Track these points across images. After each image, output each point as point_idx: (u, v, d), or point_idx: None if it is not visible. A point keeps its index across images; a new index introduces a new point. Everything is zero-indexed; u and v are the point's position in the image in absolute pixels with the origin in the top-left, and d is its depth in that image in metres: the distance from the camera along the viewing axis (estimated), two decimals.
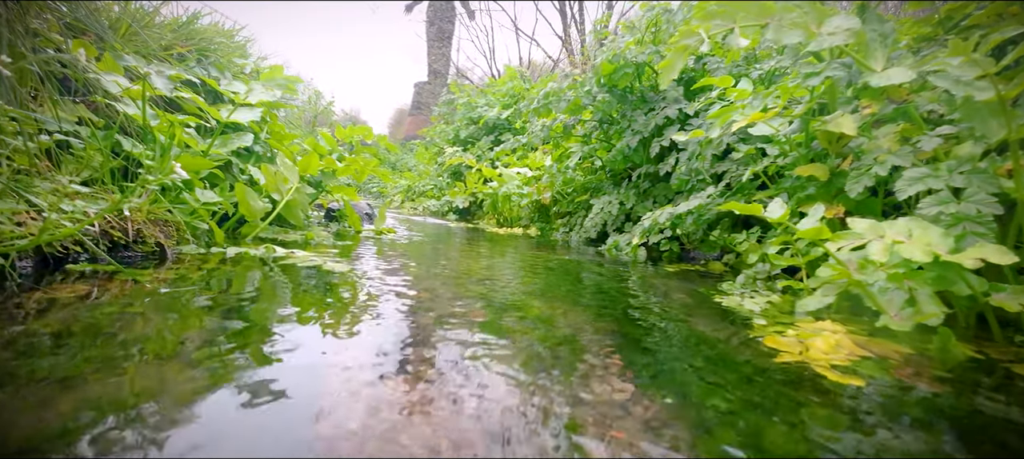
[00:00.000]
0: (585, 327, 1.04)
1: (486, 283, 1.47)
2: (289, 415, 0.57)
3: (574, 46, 11.36)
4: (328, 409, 0.59)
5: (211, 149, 1.89)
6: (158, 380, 0.64)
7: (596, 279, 1.71)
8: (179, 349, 0.75)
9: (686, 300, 1.40)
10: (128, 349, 0.74)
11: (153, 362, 0.70)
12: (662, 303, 1.34)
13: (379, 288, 1.30)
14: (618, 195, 3.04)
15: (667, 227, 2.27)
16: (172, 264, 1.36)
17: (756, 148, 1.96)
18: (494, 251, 2.42)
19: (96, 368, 0.66)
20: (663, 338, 0.99)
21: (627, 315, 1.17)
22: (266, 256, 1.58)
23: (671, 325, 1.09)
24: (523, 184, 4.04)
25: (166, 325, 0.86)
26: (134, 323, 0.86)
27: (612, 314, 1.17)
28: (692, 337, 1.00)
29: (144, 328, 0.84)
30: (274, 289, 1.22)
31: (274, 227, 2.41)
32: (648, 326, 1.07)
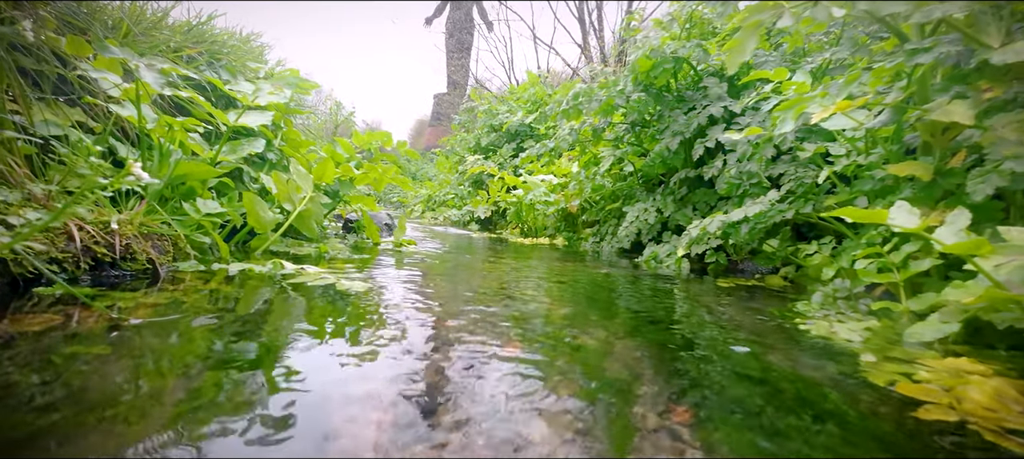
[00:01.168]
0: (643, 364, 0.82)
1: (518, 305, 1.26)
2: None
3: (593, 53, 11.17)
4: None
5: (218, 156, 1.75)
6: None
7: (641, 297, 1.49)
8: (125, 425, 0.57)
9: (760, 325, 1.17)
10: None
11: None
12: (732, 330, 1.11)
13: (398, 314, 1.11)
14: (654, 202, 2.81)
15: (717, 237, 2.03)
16: (165, 284, 1.19)
17: (824, 147, 1.72)
18: (522, 265, 2.22)
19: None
20: (755, 385, 0.76)
21: (694, 348, 0.95)
22: (273, 273, 1.41)
23: (756, 363, 0.87)
24: (549, 192, 3.84)
25: (121, 381, 0.68)
26: (80, 378, 0.69)
27: (674, 346, 0.96)
28: (791, 380, 0.78)
29: (94, 383, 0.66)
30: (276, 319, 1.04)
31: (288, 239, 2.26)
32: (729, 366, 0.85)
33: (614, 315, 1.23)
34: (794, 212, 1.64)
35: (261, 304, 1.11)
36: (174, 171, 1.44)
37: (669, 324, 1.16)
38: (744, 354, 0.92)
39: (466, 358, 0.81)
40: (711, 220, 1.91)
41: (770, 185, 1.98)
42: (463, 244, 3.23)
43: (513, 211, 4.15)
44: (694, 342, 1.00)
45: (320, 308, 1.11)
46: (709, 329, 1.12)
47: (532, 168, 4.44)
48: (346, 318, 1.04)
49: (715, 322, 1.19)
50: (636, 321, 1.17)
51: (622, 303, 1.39)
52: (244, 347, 0.80)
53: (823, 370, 0.84)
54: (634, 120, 3.00)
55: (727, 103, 2.39)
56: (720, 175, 2.24)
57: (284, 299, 1.17)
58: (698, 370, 0.81)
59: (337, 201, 2.47)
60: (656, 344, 0.97)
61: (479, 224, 5.41)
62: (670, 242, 2.61)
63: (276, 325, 0.95)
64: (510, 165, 5.72)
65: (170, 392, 0.62)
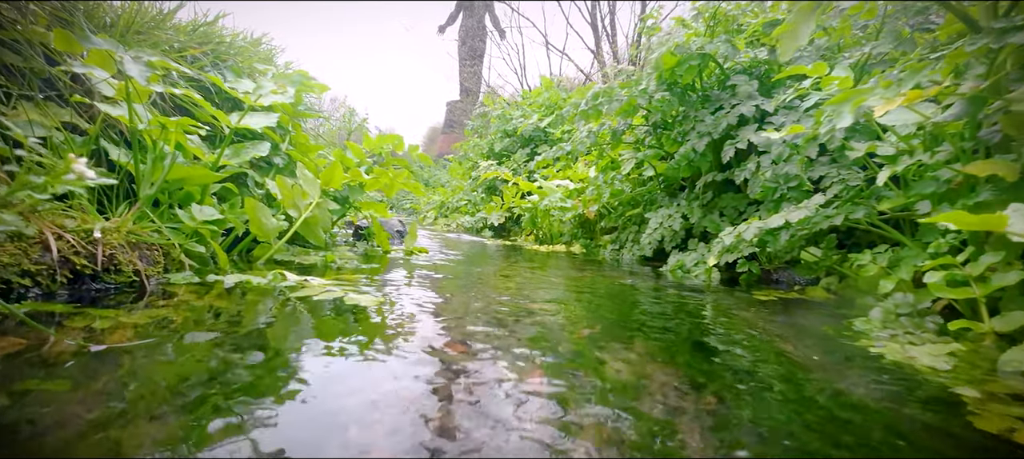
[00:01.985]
0: (684, 398, 0.68)
1: (539, 323, 1.13)
2: None
3: (606, 59, 11.04)
4: None
5: (220, 159, 1.65)
6: None
7: (673, 313, 1.34)
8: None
9: (821, 347, 1.02)
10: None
11: None
12: (788, 353, 0.97)
13: (407, 336, 0.99)
14: (678, 208, 2.66)
15: (752, 245, 1.88)
16: (154, 299, 1.08)
17: (874, 145, 1.56)
18: (539, 275, 2.08)
19: None
20: (847, 436, 0.62)
21: (751, 380, 0.81)
22: (274, 285, 1.29)
23: (834, 403, 0.72)
24: (565, 197, 3.70)
25: (68, 436, 0.57)
26: (19, 428, 0.57)
27: (720, 376, 0.81)
28: (887, 428, 0.63)
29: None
30: (271, 341, 0.92)
31: (295, 247, 2.15)
32: (803, 407, 0.71)
33: (646, 334, 1.08)
34: (843, 218, 1.48)
35: (257, 323, 0.99)
36: (169, 174, 1.34)
37: (711, 346, 1.01)
38: (818, 390, 0.77)
39: (484, 394, 0.68)
40: (746, 227, 1.76)
41: (810, 189, 1.82)
42: (477, 252, 3.10)
43: (528, 218, 4.02)
44: (748, 371, 0.85)
45: (323, 328, 0.99)
46: (760, 351, 0.97)
47: (547, 173, 4.31)
48: (350, 341, 0.91)
49: (766, 343, 1.05)
50: (672, 343, 1.03)
51: (653, 319, 1.25)
52: (230, 377, 0.68)
53: (921, 413, 0.69)
54: (656, 122, 2.86)
55: (759, 102, 2.24)
56: (753, 178, 2.08)
57: (284, 317, 1.05)
58: (765, 414, 0.67)
59: (346, 207, 2.37)
60: (702, 373, 0.83)
61: (492, 231, 5.29)
62: (697, 250, 2.45)
63: (270, 349, 0.83)
64: (524, 170, 5.60)
65: (129, 443, 0.49)
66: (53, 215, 1.03)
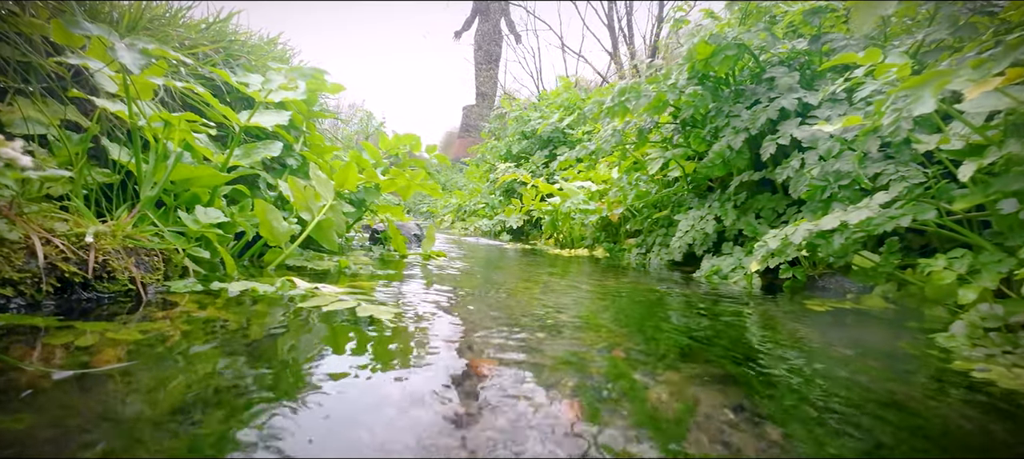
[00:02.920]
0: (741, 431, 0.55)
1: (568, 338, 1.00)
2: None
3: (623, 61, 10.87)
4: None
5: (230, 160, 1.56)
6: None
7: (714, 325, 1.20)
8: None
9: (906, 370, 0.87)
10: None
11: None
12: (863, 375, 0.82)
13: (425, 354, 0.87)
14: (710, 209, 2.50)
15: (801, 249, 1.72)
16: (151, 309, 0.99)
17: (947, 137, 1.40)
18: (564, 281, 1.95)
19: None
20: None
21: (814, 408, 0.67)
22: (282, 293, 1.19)
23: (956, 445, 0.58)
24: (588, 199, 3.56)
25: None
26: None
27: (784, 404, 0.67)
28: None
29: None
30: (276, 362, 0.81)
31: (309, 251, 2.06)
32: (895, 449, 0.57)
33: (688, 352, 0.95)
34: (912, 219, 1.32)
35: (259, 340, 0.88)
36: (173, 175, 1.25)
37: (765, 365, 0.87)
38: (920, 428, 0.63)
39: (513, 433, 0.56)
40: (794, 229, 1.60)
41: (870, 187, 1.66)
42: (496, 257, 2.99)
43: (548, 221, 3.89)
44: (820, 400, 0.71)
45: (333, 343, 0.88)
46: (826, 372, 0.83)
47: (568, 174, 4.17)
48: (361, 363, 0.80)
49: (829, 361, 0.90)
50: (719, 361, 0.89)
51: (693, 333, 1.11)
52: (220, 413, 0.57)
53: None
54: (685, 118, 2.71)
55: (800, 94, 2.08)
56: (796, 177, 1.92)
57: (290, 331, 0.95)
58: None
59: (362, 210, 2.27)
60: (759, 399, 0.69)
61: (510, 234, 5.17)
62: (732, 254, 2.30)
63: (271, 373, 0.72)
64: (543, 172, 5.47)
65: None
66: (42, 218, 0.94)
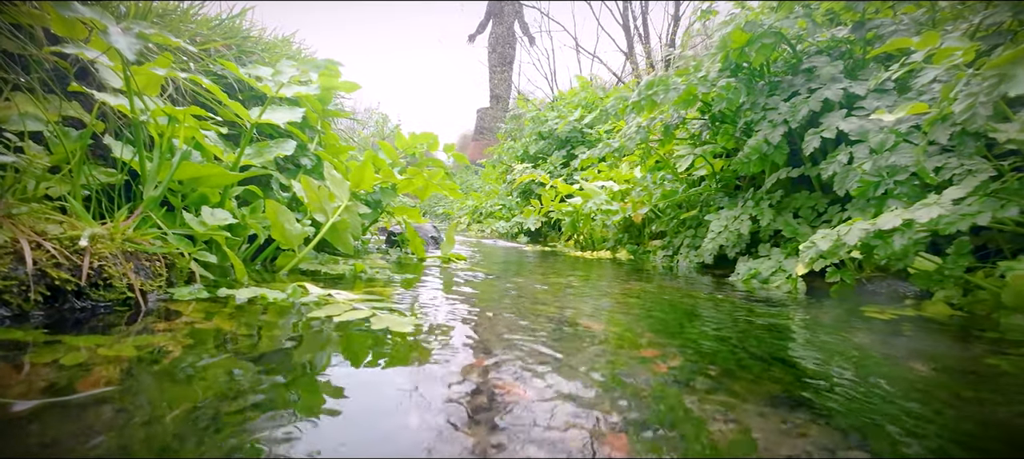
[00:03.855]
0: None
1: (604, 352, 0.89)
2: None
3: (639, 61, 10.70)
4: None
5: (241, 159, 1.48)
6: None
7: (765, 336, 1.07)
8: None
9: (1015, 398, 0.74)
10: None
11: None
12: (979, 409, 0.69)
13: (447, 370, 0.77)
14: (744, 208, 2.36)
15: (855, 250, 1.57)
16: (152, 319, 0.90)
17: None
18: (589, 286, 1.83)
19: None
20: None
21: (915, 440, 0.54)
22: (293, 301, 1.10)
23: None
24: (610, 199, 3.44)
25: None
26: None
27: (881, 441, 0.55)
28: None
29: None
30: (284, 378, 0.71)
31: (324, 254, 1.98)
32: None
33: (742, 368, 0.82)
34: (991, 216, 1.18)
35: (267, 355, 0.79)
36: (179, 173, 1.17)
37: (839, 386, 0.75)
38: None
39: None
40: (848, 229, 1.46)
41: (935, 181, 1.51)
42: (516, 260, 2.88)
43: (569, 222, 3.77)
44: (917, 433, 0.58)
45: (345, 357, 0.78)
46: (914, 392, 0.70)
47: (589, 174, 4.05)
48: (375, 382, 0.70)
49: (920, 383, 0.77)
50: (780, 380, 0.76)
51: (742, 345, 0.98)
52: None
53: None
54: (714, 114, 2.57)
55: (845, 84, 1.93)
56: (843, 172, 1.77)
57: (301, 344, 0.85)
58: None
59: (378, 212, 2.18)
60: (840, 430, 0.57)
61: (528, 236, 5.06)
62: (770, 256, 2.15)
63: (284, 388, 0.62)
64: (566, 171, 5.35)
65: None
66: (33, 219, 0.86)
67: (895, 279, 1.80)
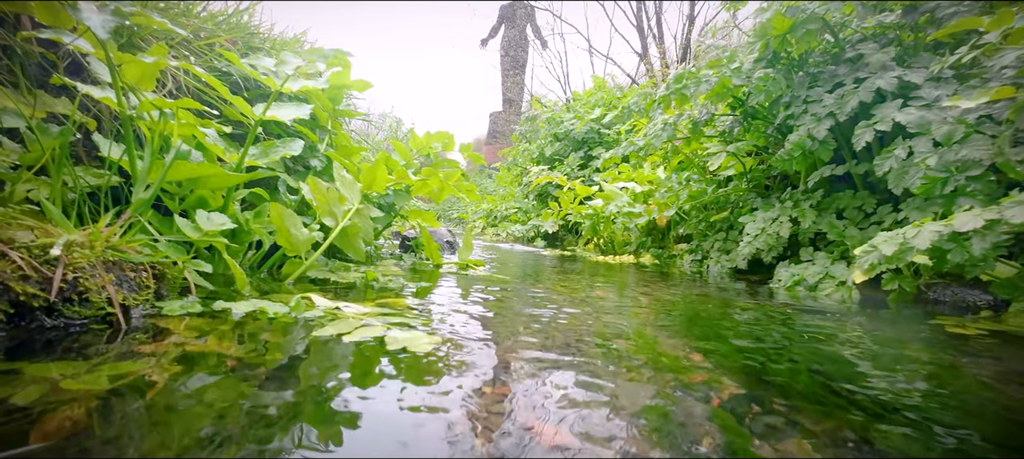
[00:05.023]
0: None
1: (648, 378, 0.75)
2: None
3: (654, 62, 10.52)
4: None
5: (245, 159, 1.37)
6: None
7: (835, 353, 0.91)
8: None
9: None
10: None
11: None
12: None
13: (474, 408, 0.64)
14: (782, 210, 2.19)
15: (924, 254, 1.40)
16: (135, 339, 0.79)
17: None
18: (619, 295, 1.69)
19: None
20: None
21: None
22: (296, 315, 0.97)
23: None
24: (633, 202, 3.28)
25: None
26: None
27: None
28: None
29: None
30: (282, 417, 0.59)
31: (335, 261, 1.86)
32: None
33: (822, 404, 0.67)
34: None
35: (266, 381, 0.66)
36: (174, 173, 1.06)
37: (953, 432, 0.59)
38: None
39: None
40: (916, 231, 1.30)
41: (1016, 178, 1.34)
42: (536, 265, 2.74)
43: (589, 225, 3.62)
44: None
45: (356, 386, 0.65)
46: None
47: (610, 175, 3.89)
48: (390, 420, 0.57)
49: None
50: (877, 417, 0.61)
51: (813, 366, 0.83)
52: None
53: None
54: (746, 109, 2.41)
55: (899, 72, 1.76)
56: (902, 168, 1.60)
57: (304, 367, 0.73)
58: None
59: (391, 215, 2.06)
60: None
61: (545, 240, 4.92)
62: (814, 261, 1.98)
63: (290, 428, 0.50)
64: (588, 171, 5.20)
65: None
66: (1, 225, 0.75)
67: (958, 285, 1.63)
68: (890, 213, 1.90)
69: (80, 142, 1.32)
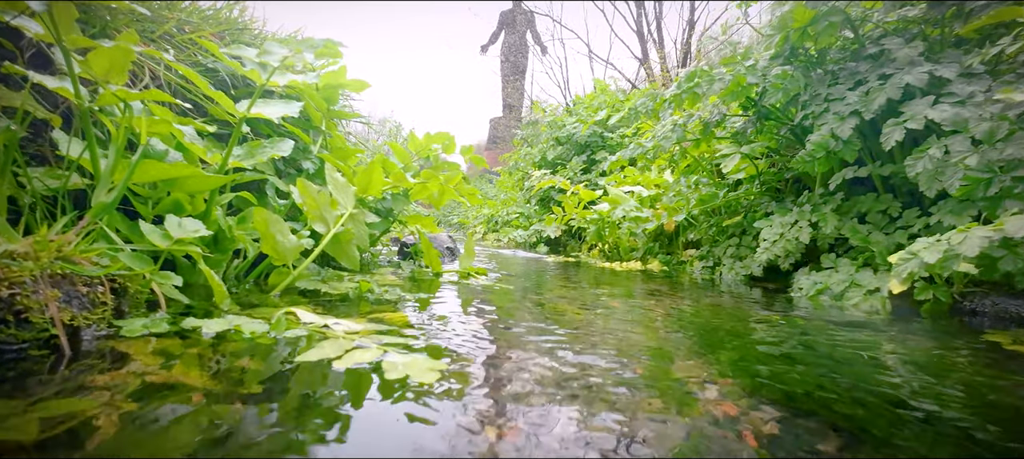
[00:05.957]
0: None
1: (678, 408, 0.63)
2: None
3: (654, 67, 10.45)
4: None
5: (229, 159, 1.26)
6: None
7: (887, 375, 0.79)
8: None
9: None
10: None
11: None
12: None
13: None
14: (801, 214, 2.08)
15: (972, 262, 1.28)
16: (81, 365, 0.67)
17: None
18: (631, 305, 1.57)
19: None
20: None
21: None
22: (275, 335, 0.86)
23: None
24: (641, 206, 3.17)
25: None
26: None
27: None
28: None
29: None
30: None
31: (328, 270, 1.75)
32: None
33: (887, 447, 0.56)
34: None
35: (240, 435, 0.55)
36: (143, 174, 0.94)
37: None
38: None
39: None
40: (962, 236, 1.18)
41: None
42: (541, 273, 2.62)
43: (594, 230, 3.51)
44: None
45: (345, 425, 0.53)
46: None
47: (614, 179, 3.78)
48: None
49: None
50: None
51: (860, 394, 0.71)
52: None
53: None
54: (759, 109, 2.30)
55: (929, 68, 1.65)
56: (935, 170, 1.49)
57: (279, 399, 0.61)
58: None
59: (388, 221, 1.95)
60: None
61: (548, 246, 4.80)
62: (837, 268, 1.87)
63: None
64: (582, 179, 5.10)
65: None
66: None
67: (998, 295, 1.51)
68: (919, 217, 1.79)
69: (49, 142, 1.21)
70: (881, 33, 2.02)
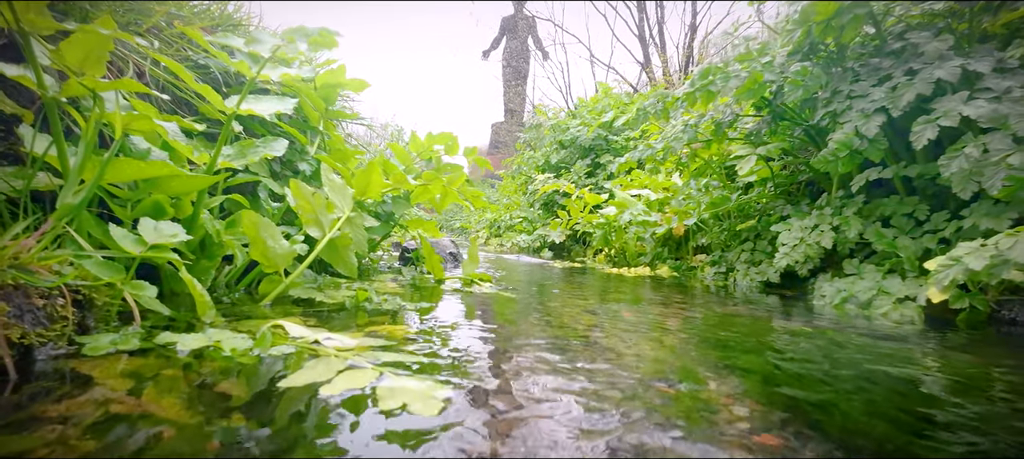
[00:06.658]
0: None
1: (715, 443, 0.54)
2: None
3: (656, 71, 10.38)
4: None
5: (218, 159, 1.17)
6: None
7: (961, 401, 0.70)
8: None
9: None
10: None
11: None
12: None
13: None
14: (820, 218, 1.98)
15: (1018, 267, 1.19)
16: (35, 391, 0.58)
17: None
18: (644, 314, 1.48)
19: None
20: None
21: None
22: (259, 352, 0.76)
23: None
24: (649, 210, 3.07)
25: None
26: None
27: None
28: None
29: None
30: None
31: (324, 276, 1.65)
32: None
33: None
34: None
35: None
36: (114, 173, 0.86)
37: None
38: None
39: None
40: (1011, 241, 1.09)
41: None
42: (547, 280, 2.52)
43: (600, 235, 3.41)
44: None
45: None
46: None
47: (621, 182, 3.69)
48: None
49: None
50: None
51: (923, 424, 0.61)
52: None
53: None
54: (774, 108, 2.21)
55: (961, 62, 1.56)
56: (973, 170, 1.39)
57: (262, 445, 0.52)
58: None
59: (389, 225, 1.86)
60: None
61: (552, 251, 4.71)
62: (861, 275, 1.77)
63: None
64: (586, 183, 5.00)
65: None
66: None
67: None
68: (948, 221, 1.69)
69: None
70: (904, 28, 1.93)
